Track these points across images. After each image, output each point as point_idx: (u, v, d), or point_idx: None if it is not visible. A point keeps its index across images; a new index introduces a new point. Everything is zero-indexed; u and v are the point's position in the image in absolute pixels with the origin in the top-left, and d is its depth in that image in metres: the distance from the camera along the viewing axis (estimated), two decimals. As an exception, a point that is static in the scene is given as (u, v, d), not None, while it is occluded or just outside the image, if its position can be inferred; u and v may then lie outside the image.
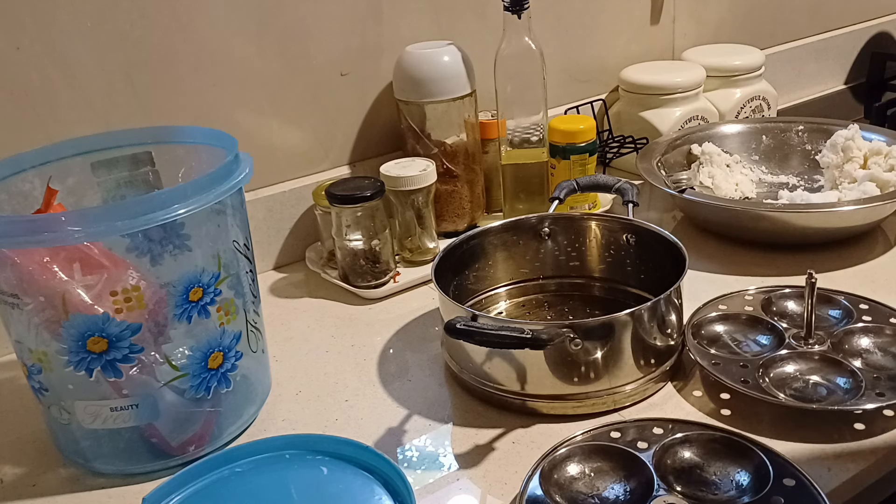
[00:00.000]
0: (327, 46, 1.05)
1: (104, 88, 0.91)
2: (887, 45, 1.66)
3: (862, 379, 0.73)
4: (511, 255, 0.93)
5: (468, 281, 0.91)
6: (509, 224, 0.93)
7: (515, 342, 0.70)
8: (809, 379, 0.75)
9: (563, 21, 1.25)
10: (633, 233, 0.89)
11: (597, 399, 0.75)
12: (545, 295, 0.94)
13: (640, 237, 0.89)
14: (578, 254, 0.93)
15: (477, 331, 0.69)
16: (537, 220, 0.93)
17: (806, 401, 0.73)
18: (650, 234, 0.87)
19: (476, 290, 0.93)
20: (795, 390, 0.74)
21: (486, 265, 0.93)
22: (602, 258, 0.93)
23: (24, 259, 0.66)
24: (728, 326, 0.83)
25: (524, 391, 0.75)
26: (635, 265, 0.90)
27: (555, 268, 0.94)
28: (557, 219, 0.93)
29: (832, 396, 0.73)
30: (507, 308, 0.93)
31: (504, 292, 0.94)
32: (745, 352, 0.80)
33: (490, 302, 0.93)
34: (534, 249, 0.93)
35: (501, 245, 0.93)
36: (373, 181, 0.97)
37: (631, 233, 0.89)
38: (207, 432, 0.74)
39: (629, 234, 0.90)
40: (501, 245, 0.93)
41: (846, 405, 0.71)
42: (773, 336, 0.81)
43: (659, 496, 0.63)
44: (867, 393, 0.72)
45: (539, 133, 1.07)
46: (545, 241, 0.93)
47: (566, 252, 0.94)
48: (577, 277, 0.94)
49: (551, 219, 0.93)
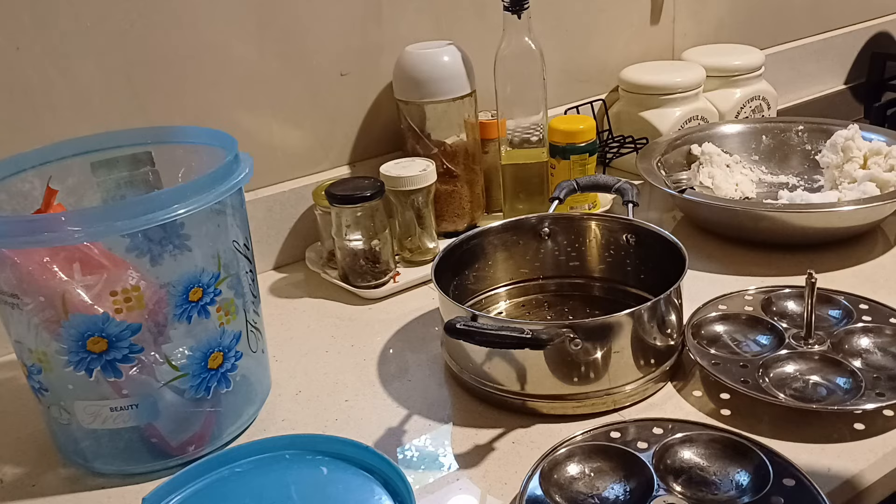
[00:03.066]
0: (327, 46, 1.05)
1: (104, 88, 0.91)
2: (887, 45, 1.66)
3: (862, 379, 0.73)
4: (511, 255, 0.93)
5: (468, 281, 0.91)
6: (509, 224, 0.93)
7: (515, 342, 0.70)
8: (809, 379, 0.75)
9: (563, 21, 1.25)
10: (632, 233, 0.89)
11: (596, 399, 0.75)
12: (545, 295, 0.94)
13: (640, 237, 0.89)
14: (578, 254, 0.93)
15: (477, 331, 0.69)
16: (537, 220, 0.93)
17: (806, 401, 0.73)
18: (650, 234, 0.87)
19: (476, 291, 0.92)
20: (795, 390, 0.74)
21: (486, 265, 0.92)
22: (602, 258, 0.93)
23: (23, 259, 0.66)
24: (728, 326, 0.83)
25: (524, 391, 0.75)
26: (635, 265, 0.90)
27: (555, 268, 0.94)
28: (557, 219, 0.93)
29: (832, 396, 0.73)
30: (507, 308, 0.93)
31: (504, 292, 0.94)
32: (745, 352, 0.80)
33: (490, 302, 0.93)
34: (534, 249, 0.93)
35: (501, 245, 0.93)
36: (373, 181, 0.97)
37: (631, 233, 0.89)
38: (207, 432, 0.74)
39: (629, 234, 0.89)
40: (501, 245, 0.93)
41: (846, 405, 0.71)
42: (773, 336, 0.81)
43: (659, 496, 0.63)
44: (867, 393, 0.72)
45: (539, 133, 1.07)
46: (545, 241, 0.93)
47: (566, 252, 0.93)
48: (576, 277, 0.94)
49: (551, 219, 0.93)
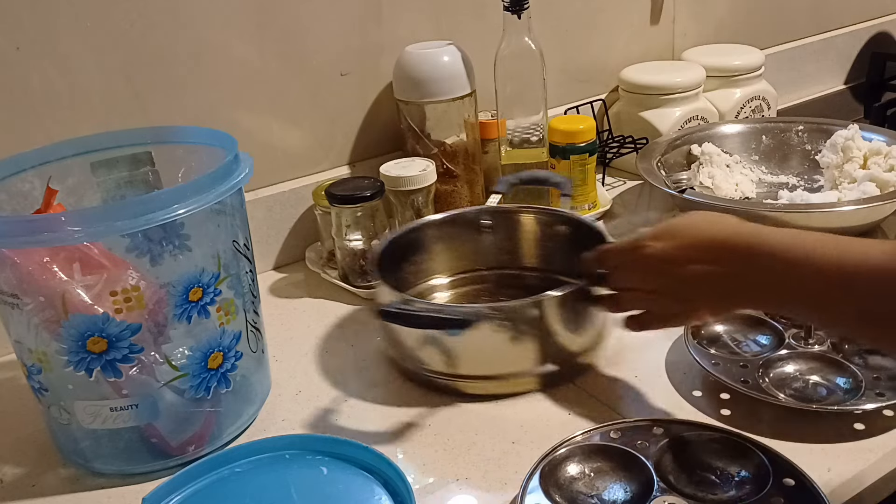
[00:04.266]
0: (327, 46, 1.05)
1: (104, 88, 0.91)
2: (887, 45, 1.66)
3: (862, 379, 0.73)
4: (451, 247, 0.95)
5: (408, 273, 0.93)
6: (448, 217, 0.95)
7: (438, 323, 0.73)
8: (809, 379, 0.75)
9: (563, 21, 1.25)
10: (566, 224, 0.92)
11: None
12: (484, 286, 0.96)
13: (574, 228, 0.91)
14: (516, 245, 0.96)
15: (403, 312, 0.73)
16: (475, 213, 0.95)
17: (806, 401, 0.73)
18: (582, 225, 0.90)
19: (416, 282, 0.94)
20: (795, 390, 0.74)
21: (427, 257, 0.94)
22: (539, 249, 0.95)
23: (23, 259, 0.66)
24: (728, 326, 0.83)
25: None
26: (569, 255, 0.91)
27: (494, 259, 0.96)
28: (496, 212, 0.95)
29: (832, 396, 0.73)
30: (447, 299, 0.95)
31: (444, 283, 0.96)
32: (744, 352, 0.80)
33: (430, 293, 0.95)
34: (473, 241, 0.95)
35: (442, 237, 0.94)
36: (373, 181, 0.97)
37: (565, 224, 0.92)
38: (207, 432, 0.74)
39: (563, 225, 0.92)
40: (442, 237, 0.94)
41: (846, 405, 0.71)
42: (773, 336, 0.81)
43: (659, 496, 0.63)
44: (867, 393, 0.72)
45: (539, 133, 1.07)
46: (484, 233, 0.95)
47: (504, 244, 0.96)
48: (515, 268, 0.96)
49: (490, 212, 0.95)
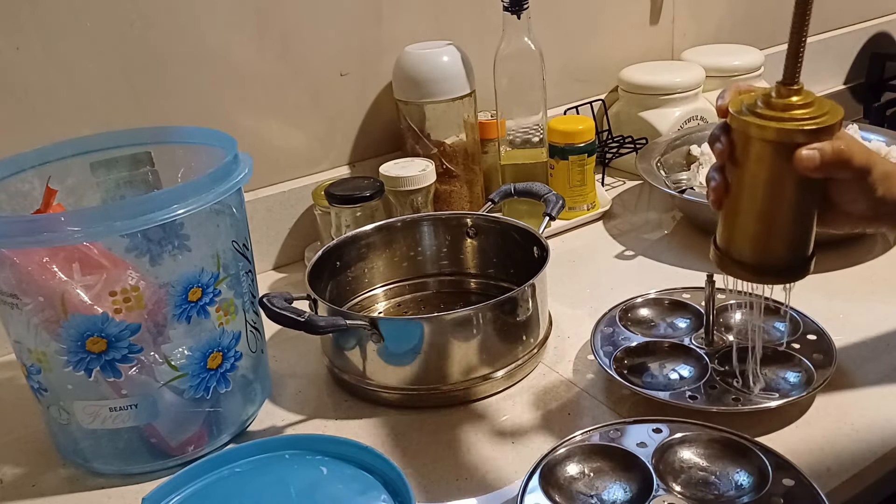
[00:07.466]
0: (327, 47, 1.05)
1: (103, 88, 0.91)
2: (887, 46, 1.66)
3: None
4: (390, 255, 0.94)
5: (346, 283, 0.92)
6: (384, 226, 0.94)
7: (291, 323, 0.73)
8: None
9: (563, 21, 1.25)
10: (504, 230, 0.92)
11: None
12: (424, 294, 0.96)
13: (507, 235, 0.91)
14: (456, 252, 0.95)
15: (269, 308, 0.73)
16: (414, 222, 0.94)
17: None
18: (522, 232, 0.89)
19: (355, 292, 0.93)
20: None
21: (365, 267, 0.94)
22: (478, 256, 0.95)
23: (23, 259, 0.66)
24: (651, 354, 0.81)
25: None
26: (506, 261, 0.93)
27: (433, 267, 0.96)
28: (436, 219, 0.95)
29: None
30: (386, 308, 0.95)
31: (382, 293, 0.95)
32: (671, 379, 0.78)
33: (370, 302, 0.94)
34: (413, 250, 0.95)
35: (379, 246, 0.94)
36: (372, 181, 0.97)
37: (503, 230, 0.92)
38: (207, 432, 0.74)
39: (497, 230, 0.93)
40: (379, 246, 0.94)
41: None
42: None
43: (658, 496, 0.63)
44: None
45: (539, 133, 1.07)
46: (424, 240, 0.95)
47: (443, 251, 0.96)
48: (454, 275, 0.96)
49: (429, 219, 0.95)
